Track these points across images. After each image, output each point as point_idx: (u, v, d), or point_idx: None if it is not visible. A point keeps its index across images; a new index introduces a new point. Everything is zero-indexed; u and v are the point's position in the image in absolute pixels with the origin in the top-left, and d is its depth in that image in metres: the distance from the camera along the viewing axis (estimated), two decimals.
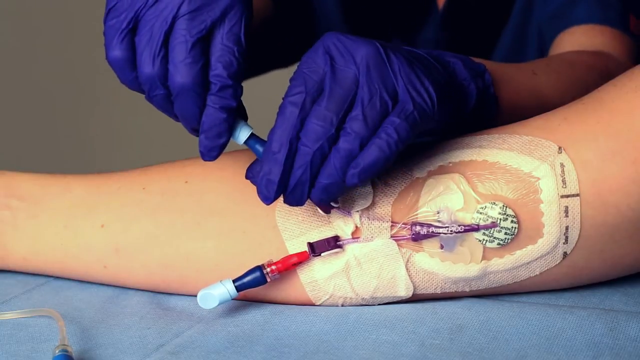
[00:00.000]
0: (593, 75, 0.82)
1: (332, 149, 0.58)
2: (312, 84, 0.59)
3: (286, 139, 0.58)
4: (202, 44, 0.59)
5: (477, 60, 0.69)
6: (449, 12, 1.04)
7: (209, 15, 0.59)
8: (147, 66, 0.59)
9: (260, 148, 0.61)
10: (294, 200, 0.60)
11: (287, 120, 0.58)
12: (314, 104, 0.58)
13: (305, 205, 0.61)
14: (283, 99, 0.59)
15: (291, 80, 0.60)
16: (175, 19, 0.59)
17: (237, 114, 0.61)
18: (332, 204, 0.62)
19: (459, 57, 0.67)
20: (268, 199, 0.59)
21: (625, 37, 0.94)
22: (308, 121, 0.58)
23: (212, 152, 0.61)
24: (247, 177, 0.62)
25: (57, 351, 0.58)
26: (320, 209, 0.63)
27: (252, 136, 0.62)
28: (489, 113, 0.69)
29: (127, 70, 0.60)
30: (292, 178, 0.59)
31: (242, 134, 0.62)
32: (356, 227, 0.64)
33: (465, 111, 0.66)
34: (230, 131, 0.61)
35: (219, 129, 0.60)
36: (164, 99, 0.60)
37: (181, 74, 0.59)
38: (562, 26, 0.96)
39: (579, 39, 0.93)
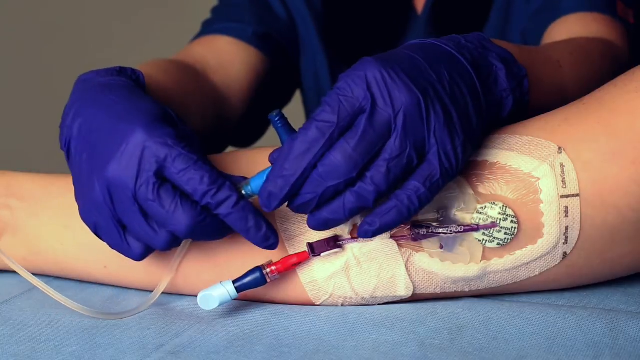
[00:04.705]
0: (607, 64, 0.82)
1: (347, 188, 0.58)
2: (345, 115, 0.58)
3: (302, 165, 0.58)
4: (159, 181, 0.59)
5: (515, 53, 0.67)
6: (432, 15, 1.04)
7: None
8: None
9: (284, 135, 0.61)
10: (297, 211, 0.60)
11: (310, 146, 0.58)
12: (341, 136, 0.58)
13: None
14: (312, 118, 0.58)
15: (324, 102, 0.58)
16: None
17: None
18: None
19: (505, 61, 0.65)
20: (268, 208, 0.59)
21: (617, 22, 0.93)
22: (332, 155, 0.57)
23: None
24: (270, 160, 0.62)
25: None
26: None
27: (282, 118, 0.61)
28: (517, 117, 0.68)
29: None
30: (299, 198, 0.59)
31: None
32: (355, 226, 0.64)
33: (496, 121, 0.66)
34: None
35: (249, 216, 0.60)
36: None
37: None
38: (551, 17, 0.95)
39: (572, 28, 0.92)
